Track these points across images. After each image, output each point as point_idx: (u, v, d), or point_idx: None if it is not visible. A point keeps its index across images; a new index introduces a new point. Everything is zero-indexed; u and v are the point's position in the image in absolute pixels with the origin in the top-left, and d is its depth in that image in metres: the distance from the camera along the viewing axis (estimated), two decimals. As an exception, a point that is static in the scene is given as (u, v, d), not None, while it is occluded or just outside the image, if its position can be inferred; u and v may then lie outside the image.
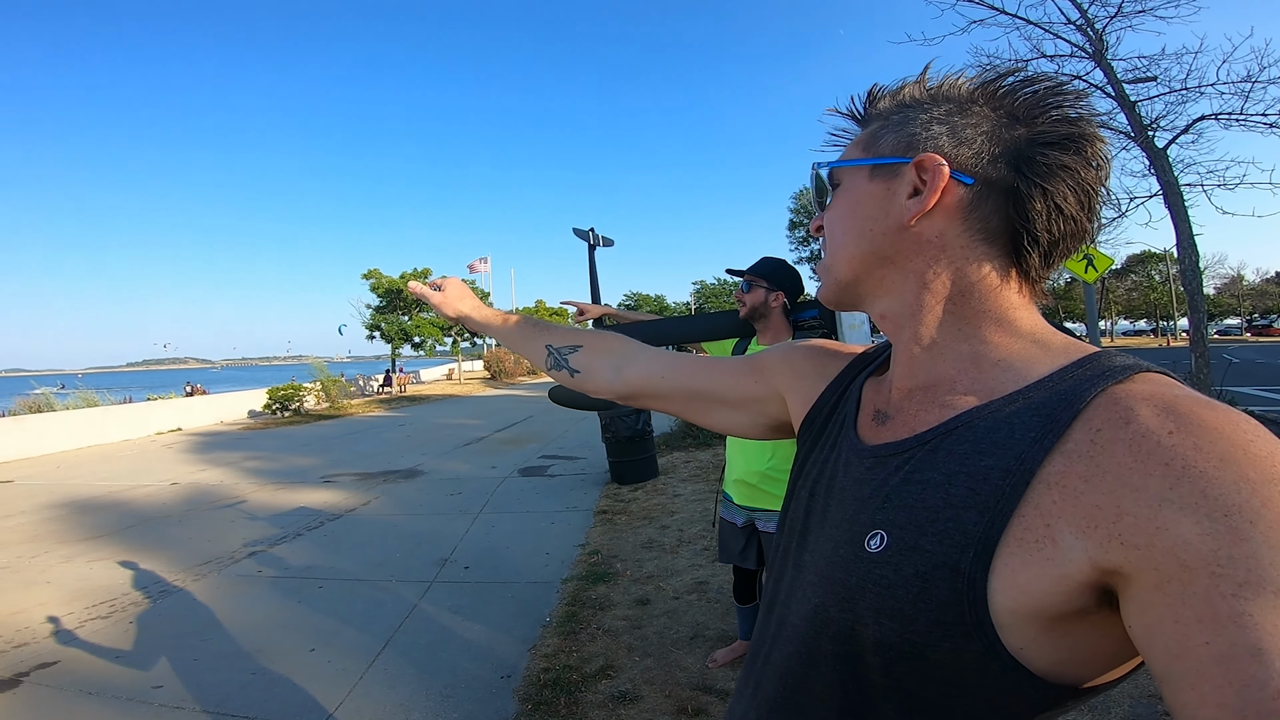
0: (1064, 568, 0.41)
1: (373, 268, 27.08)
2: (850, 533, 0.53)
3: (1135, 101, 6.65)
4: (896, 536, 0.49)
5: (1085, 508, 0.41)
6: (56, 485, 7.66)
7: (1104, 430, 0.42)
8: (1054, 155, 0.49)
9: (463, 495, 6.27)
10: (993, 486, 0.45)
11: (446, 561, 4.26)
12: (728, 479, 2.43)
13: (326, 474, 7.74)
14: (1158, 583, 0.37)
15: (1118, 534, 0.39)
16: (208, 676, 2.76)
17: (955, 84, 0.54)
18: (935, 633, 0.45)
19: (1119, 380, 0.45)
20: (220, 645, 3.08)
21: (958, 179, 0.51)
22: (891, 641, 0.48)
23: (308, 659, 2.91)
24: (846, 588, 0.51)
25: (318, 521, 5.44)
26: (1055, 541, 0.41)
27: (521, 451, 8.87)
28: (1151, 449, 0.39)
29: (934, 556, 0.46)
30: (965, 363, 0.53)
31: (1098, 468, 0.41)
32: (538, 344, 0.97)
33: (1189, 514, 0.36)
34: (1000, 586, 0.43)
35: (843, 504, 0.57)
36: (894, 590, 0.47)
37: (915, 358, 0.56)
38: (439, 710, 2.45)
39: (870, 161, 0.56)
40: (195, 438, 12.15)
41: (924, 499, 0.48)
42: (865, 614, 0.50)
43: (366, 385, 22.52)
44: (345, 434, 11.87)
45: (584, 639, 2.96)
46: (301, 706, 2.50)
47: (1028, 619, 0.43)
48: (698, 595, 3.39)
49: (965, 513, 0.45)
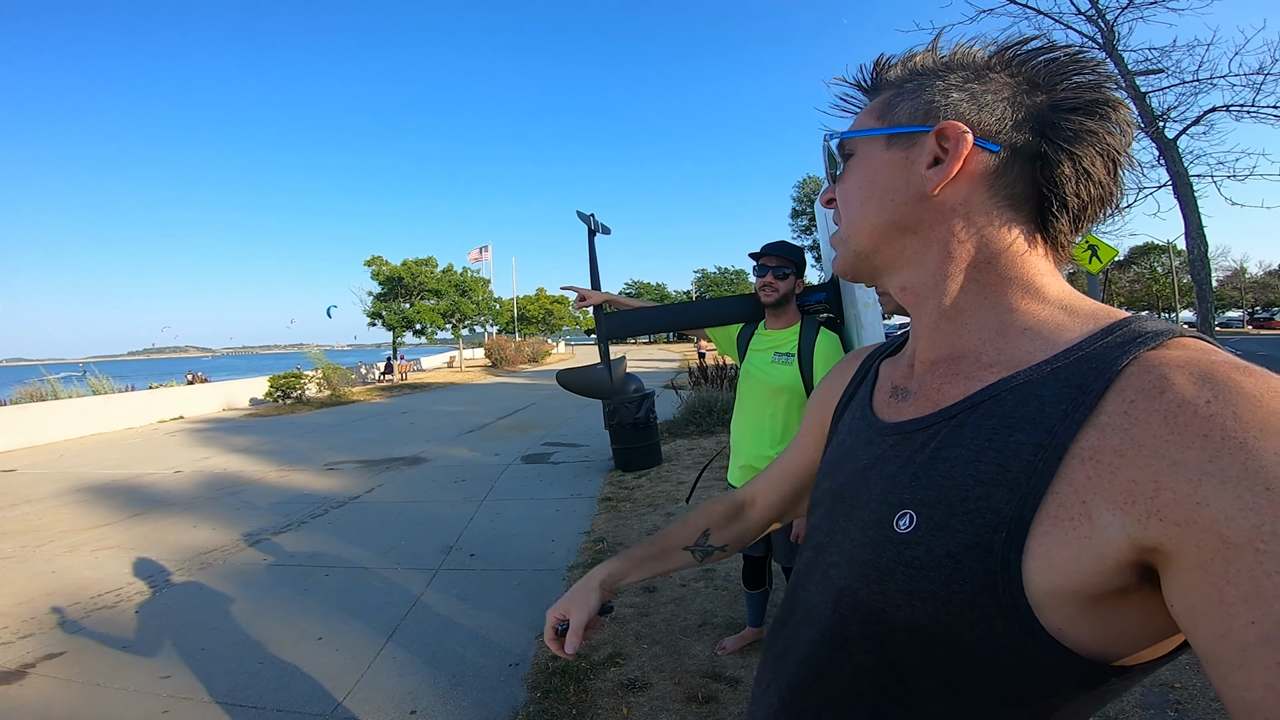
0: (1102, 546, 0.39)
1: (375, 255, 27.03)
2: (878, 513, 0.52)
3: (1145, 93, 6.61)
4: (926, 516, 0.48)
5: (1121, 483, 0.39)
6: (60, 474, 7.66)
7: (1138, 400, 0.40)
8: (1079, 120, 0.48)
9: (467, 482, 6.27)
10: (1024, 462, 0.43)
11: (452, 549, 4.26)
12: (733, 465, 2.37)
13: (330, 461, 7.75)
14: (1200, 560, 0.36)
15: (1156, 510, 0.37)
16: (216, 666, 2.76)
17: (970, 52, 0.53)
18: (970, 614, 0.44)
19: (1152, 346, 0.43)
20: (228, 634, 3.08)
21: (981, 145, 0.50)
22: (925, 623, 0.47)
23: (316, 648, 2.91)
24: (877, 569, 0.50)
25: (323, 509, 5.45)
26: (1091, 519, 0.40)
27: (525, 438, 8.87)
28: (1189, 419, 0.37)
29: (965, 537, 0.45)
30: (991, 332, 0.51)
31: (1133, 440, 0.39)
32: (676, 557, 0.86)
33: (1230, 488, 0.35)
34: (1036, 567, 0.42)
35: (867, 484, 0.55)
36: (925, 572, 0.46)
37: (938, 329, 0.55)
38: (447, 698, 2.46)
39: (887, 131, 0.54)
40: (198, 425, 12.17)
41: (952, 477, 0.47)
42: (897, 595, 0.49)
43: (368, 373, 22.51)
44: (347, 421, 11.88)
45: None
46: (310, 695, 2.50)
47: (1066, 599, 0.41)
48: (704, 583, 3.39)
49: (996, 490, 0.44)
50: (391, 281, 26.59)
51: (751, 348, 2.25)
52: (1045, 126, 0.49)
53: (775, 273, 2.12)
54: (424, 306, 26.75)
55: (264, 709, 2.42)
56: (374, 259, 26.77)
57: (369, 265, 26.77)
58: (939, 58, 0.54)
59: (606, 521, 4.70)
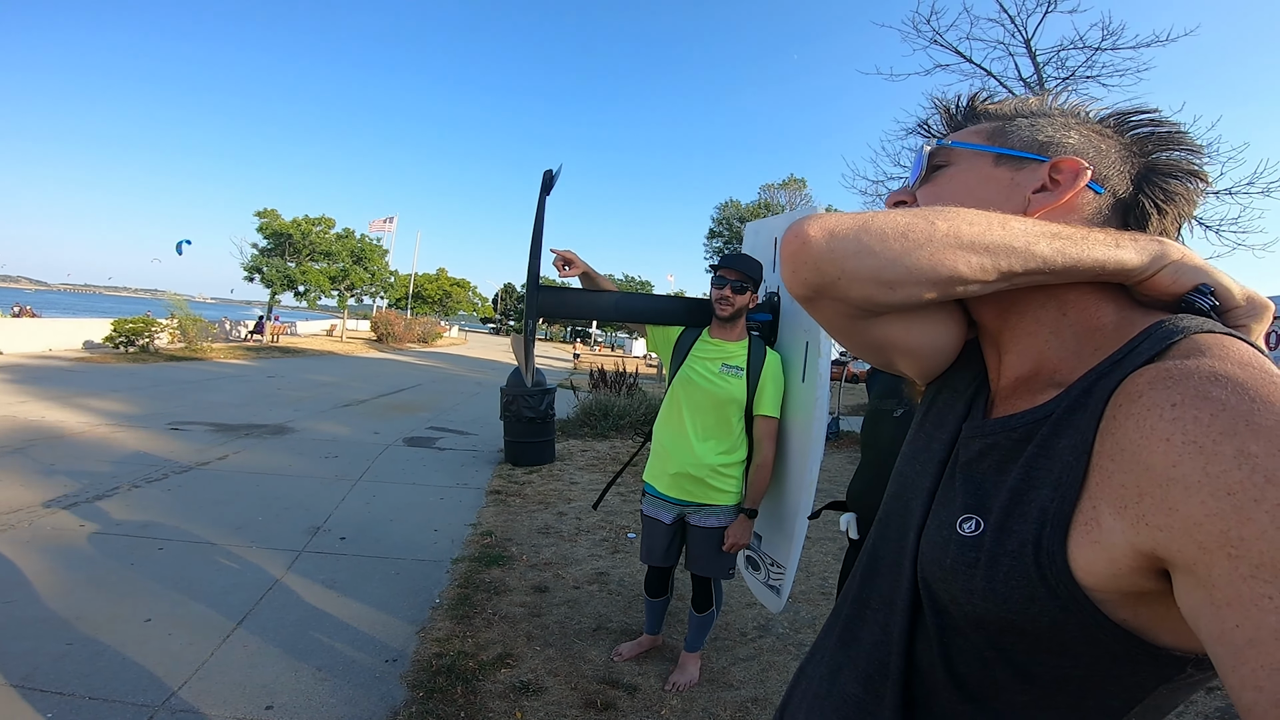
0: (1110, 551, 0.41)
1: (270, 207, 24.59)
2: (948, 514, 0.54)
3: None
4: (987, 521, 0.49)
5: (1116, 487, 0.41)
6: None
7: (1123, 406, 0.42)
8: (1174, 184, 0.55)
9: (340, 459, 5.75)
10: (1064, 463, 0.45)
11: (319, 530, 3.86)
12: (657, 472, 2.30)
13: (175, 420, 6.83)
14: (1186, 564, 0.37)
15: (1142, 515, 0.39)
16: (11, 645, 2.29)
17: (1084, 108, 0.60)
18: (1032, 609, 0.45)
19: (1162, 349, 0.45)
20: (28, 609, 2.57)
21: (1091, 186, 0.55)
22: (992, 619, 0.48)
23: (143, 630, 2.49)
24: (941, 568, 0.52)
25: (160, 473, 4.76)
26: (1100, 523, 0.41)
27: (409, 419, 8.33)
28: (1154, 424, 0.39)
29: (1020, 535, 0.46)
30: (1068, 352, 0.53)
31: (1117, 445, 0.41)
32: None
33: (1194, 493, 0.36)
34: (1077, 562, 0.43)
35: (950, 485, 0.57)
36: (985, 571, 0.48)
37: (1020, 348, 0.57)
38: (311, 694, 2.17)
39: (1001, 150, 0.58)
40: (17, 365, 10.30)
41: (1011, 483, 0.49)
42: (960, 594, 0.50)
43: (233, 330, 20.36)
44: (203, 379, 10.58)
45: (479, 624, 2.75)
46: (133, 683, 2.12)
47: (1113, 595, 0.42)
48: (599, 586, 3.28)
49: (1043, 490, 0.46)
50: (279, 237, 24.27)
51: (694, 354, 2.22)
52: (1144, 183, 0.55)
53: (733, 286, 2.10)
54: (310, 268, 24.64)
55: (73, 696, 2.02)
56: (267, 211, 24.34)
57: (260, 216, 24.30)
58: (1056, 106, 0.60)
59: (495, 515, 4.46)
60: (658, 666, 2.55)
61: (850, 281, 0.53)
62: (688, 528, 2.28)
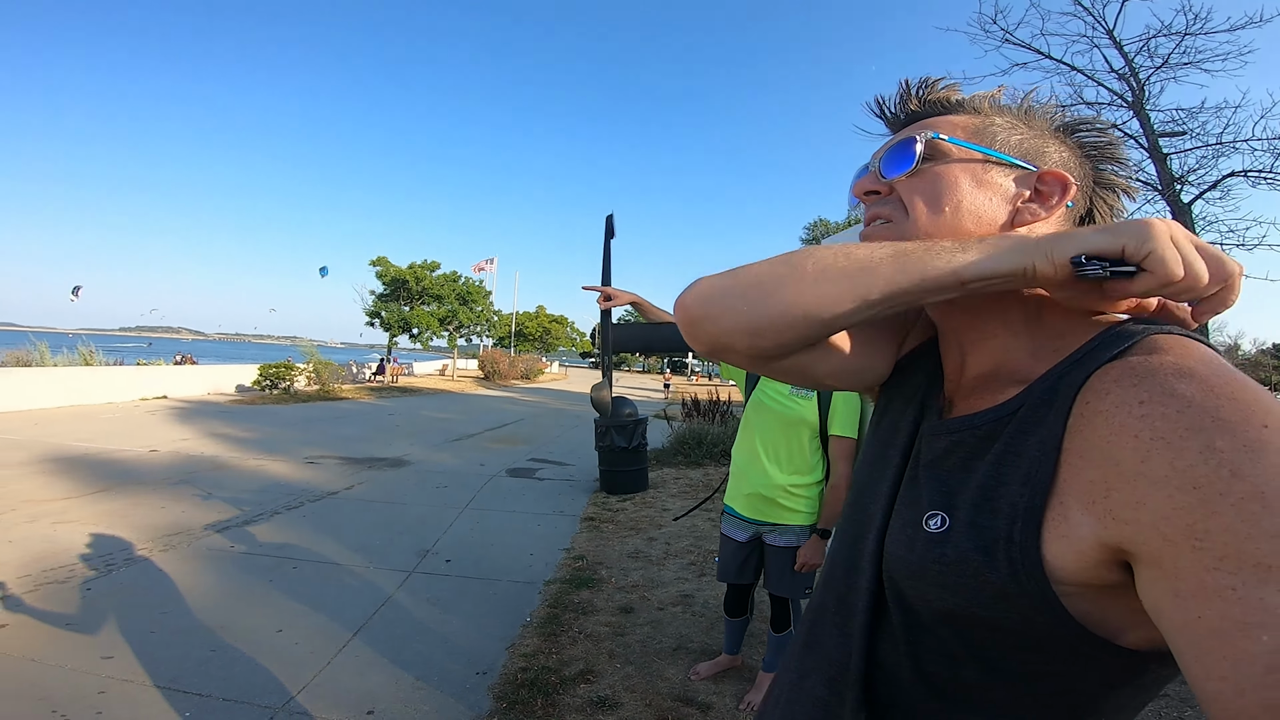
0: (1078, 544, 0.41)
1: (381, 255, 27.05)
2: (914, 513, 0.54)
3: (1167, 154, 6.64)
4: (955, 516, 0.49)
5: (1084, 483, 0.41)
6: (32, 442, 7.47)
7: (1091, 403, 0.43)
8: (1114, 200, 0.58)
9: (449, 489, 6.14)
10: (1032, 460, 0.45)
11: (428, 553, 4.14)
12: (734, 493, 2.35)
13: (311, 455, 7.59)
14: (1151, 557, 0.37)
15: (1110, 510, 0.39)
16: (164, 651, 2.62)
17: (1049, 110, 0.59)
18: (1000, 605, 0.45)
19: (1122, 349, 0.45)
20: (180, 619, 2.94)
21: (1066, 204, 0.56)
22: (961, 614, 0.48)
23: (274, 639, 2.78)
24: (908, 565, 0.52)
25: (298, 501, 5.30)
26: (1068, 518, 0.42)
27: (511, 451, 8.74)
28: (1123, 421, 0.39)
29: (990, 531, 0.46)
30: (1024, 353, 0.54)
31: (1086, 443, 0.42)
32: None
33: (1161, 488, 0.36)
34: (1047, 558, 0.43)
35: (914, 484, 0.57)
36: (955, 566, 0.47)
37: (984, 349, 0.57)
38: (409, 701, 2.33)
39: (992, 153, 0.56)
40: (181, 406, 11.92)
41: (979, 480, 0.49)
42: (929, 590, 0.50)
43: (359, 372, 22.32)
44: (333, 417, 11.69)
45: (564, 642, 2.84)
46: (262, 687, 2.37)
47: (1079, 589, 0.43)
48: (682, 608, 3.28)
49: (1013, 487, 0.46)
50: (396, 283, 26.54)
51: (766, 378, 2.24)
52: (1095, 196, 0.58)
53: None
54: (422, 311, 26.68)
55: (209, 697, 2.29)
56: (380, 259, 26.76)
57: (375, 265, 26.76)
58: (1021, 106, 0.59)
59: (587, 540, 4.59)
60: (734, 686, 2.53)
61: (729, 337, 0.56)
62: (765, 547, 2.28)
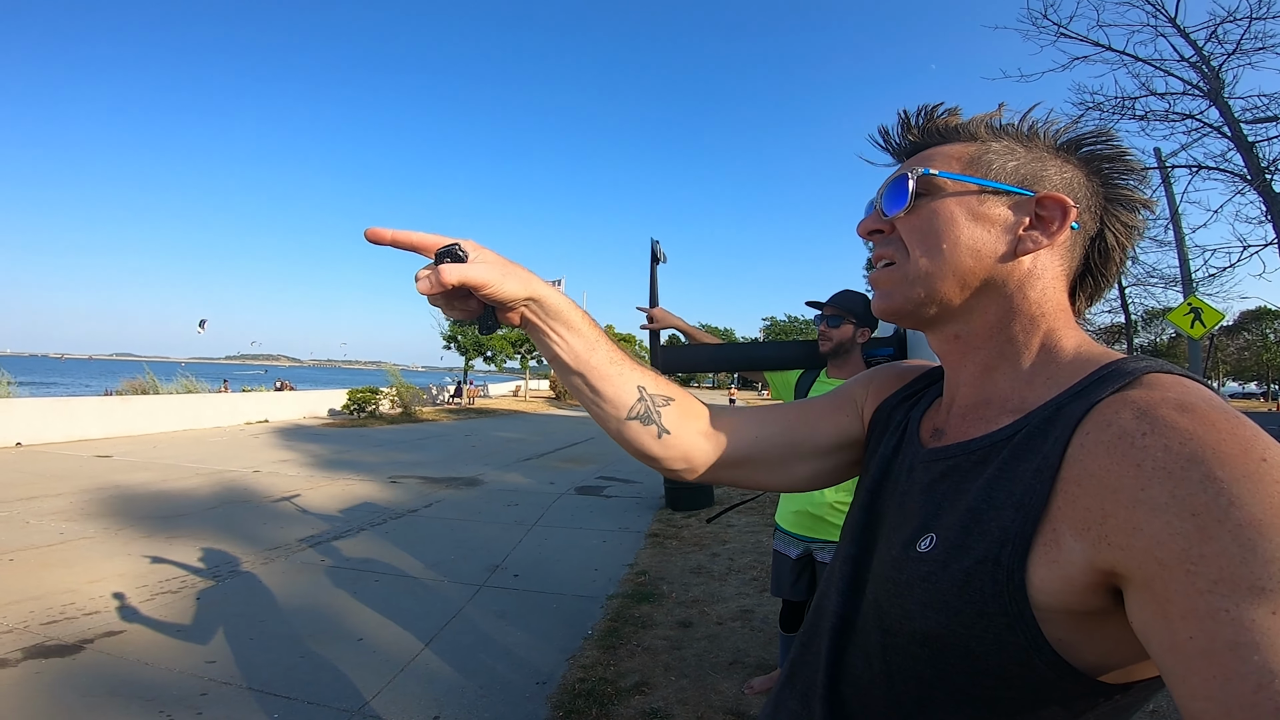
0: (1067, 569, 0.43)
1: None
2: (906, 535, 0.55)
3: (1253, 143, 6.15)
4: (944, 537, 0.51)
5: (1079, 511, 0.43)
6: (150, 463, 8.31)
7: (1092, 434, 0.44)
8: (1129, 216, 0.56)
9: (520, 507, 6.36)
10: (1025, 486, 0.47)
11: (498, 568, 4.32)
12: (784, 510, 2.35)
13: (394, 474, 8.06)
14: (1144, 580, 0.39)
15: (1105, 535, 0.41)
16: (260, 656, 2.87)
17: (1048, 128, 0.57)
18: (979, 624, 0.47)
19: (1122, 385, 0.46)
20: (276, 627, 3.21)
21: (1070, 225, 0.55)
22: (938, 633, 0.49)
23: (355, 648, 2.99)
24: (896, 584, 0.54)
25: (382, 519, 5.65)
26: (1059, 544, 0.43)
27: (580, 471, 8.94)
28: (1125, 451, 0.41)
29: (978, 553, 0.47)
30: (1020, 383, 0.55)
31: (1085, 471, 0.43)
32: (628, 379, 0.69)
33: (1159, 514, 0.38)
34: (1033, 582, 0.44)
35: (903, 510, 0.59)
36: (940, 584, 0.49)
37: (981, 378, 0.58)
38: (471, 709, 2.46)
39: (986, 183, 0.55)
40: (280, 430, 12.96)
41: (970, 502, 0.50)
42: (913, 607, 0.51)
43: (438, 395, 23.39)
44: (415, 439, 12.34)
45: (623, 654, 2.91)
46: (341, 693, 2.57)
47: (1060, 614, 0.44)
48: (741, 623, 3.28)
49: (1005, 511, 0.47)
50: (472, 307, 27.66)
51: (812, 394, 2.23)
52: (1105, 215, 0.56)
53: (828, 321, 2.12)
54: (496, 334, 27.66)
55: (296, 700, 2.49)
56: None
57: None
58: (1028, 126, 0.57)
59: (651, 556, 4.65)
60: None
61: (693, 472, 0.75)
62: (816, 564, 2.27)
